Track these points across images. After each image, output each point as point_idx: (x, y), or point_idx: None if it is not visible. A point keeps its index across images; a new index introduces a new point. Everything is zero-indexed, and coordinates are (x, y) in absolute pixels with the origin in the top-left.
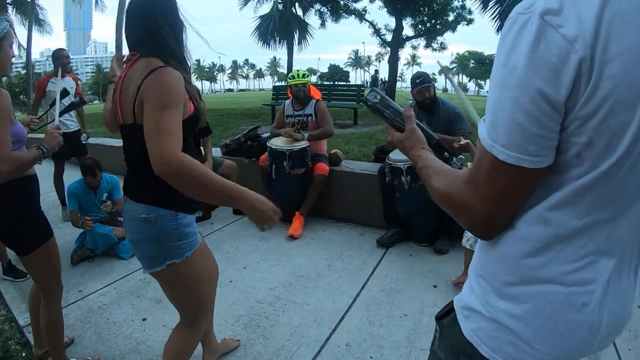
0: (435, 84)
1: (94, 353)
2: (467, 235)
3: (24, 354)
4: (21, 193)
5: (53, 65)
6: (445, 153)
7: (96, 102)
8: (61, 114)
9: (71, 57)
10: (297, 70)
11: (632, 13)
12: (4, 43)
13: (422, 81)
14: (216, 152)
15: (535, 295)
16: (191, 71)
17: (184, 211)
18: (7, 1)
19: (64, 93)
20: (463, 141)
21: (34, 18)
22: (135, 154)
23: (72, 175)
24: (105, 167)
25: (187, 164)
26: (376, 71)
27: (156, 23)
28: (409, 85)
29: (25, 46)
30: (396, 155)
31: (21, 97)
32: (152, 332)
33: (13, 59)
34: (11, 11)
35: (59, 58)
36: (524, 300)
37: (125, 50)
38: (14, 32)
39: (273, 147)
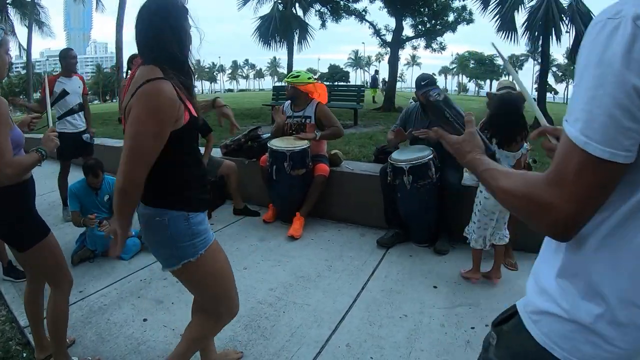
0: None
1: (94, 353)
2: (474, 235)
3: (24, 355)
4: (20, 195)
5: (60, 65)
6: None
7: (96, 102)
8: (59, 118)
9: None
10: (294, 72)
11: None
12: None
13: (427, 84)
14: (216, 152)
15: (621, 293)
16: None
17: (194, 210)
18: (7, 1)
19: (63, 94)
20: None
21: (34, 18)
22: None
23: (75, 176)
24: (106, 167)
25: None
26: (376, 71)
27: (159, 28)
28: (409, 86)
29: (25, 46)
30: (398, 155)
31: (21, 97)
32: (152, 333)
33: (13, 59)
34: (11, 11)
35: (66, 58)
36: (607, 300)
37: (127, 52)
38: (14, 35)
39: (274, 147)
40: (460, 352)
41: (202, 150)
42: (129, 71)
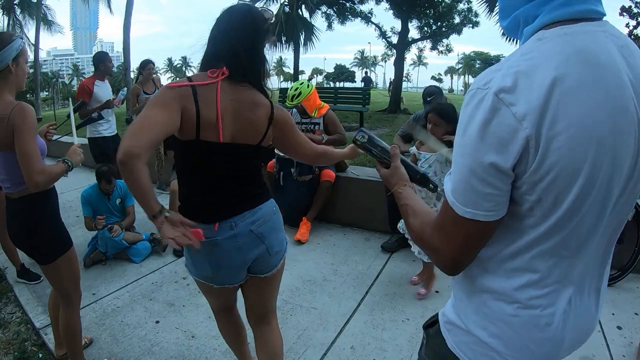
0: (442, 84)
1: (109, 354)
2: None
3: (40, 355)
4: (40, 205)
5: (94, 67)
6: (430, 185)
7: None
8: (77, 127)
9: (77, 56)
10: (290, 90)
11: (579, 90)
12: (20, 60)
13: (433, 99)
14: None
15: (508, 316)
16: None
17: None
18: (15, 1)
19: (80, 105)
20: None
21: (41, 18)
22: (258, 168)
23: (85, 180)
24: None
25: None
26: (366, 72)
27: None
28: (415, 86)
29: (33, 46)
30: None
31: (27, 96)
32: (165, 335)
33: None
34: (18, 11)
35: (105, 61)
36: (498, 319)
37: (134, 52)
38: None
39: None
40: None
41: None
42: (140, 75)
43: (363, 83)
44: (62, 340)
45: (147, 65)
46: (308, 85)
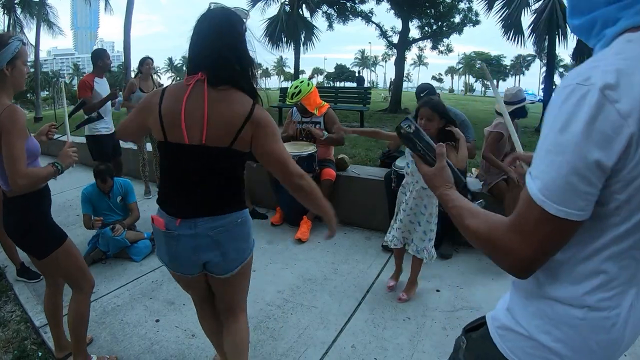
0: (442, 84)
1: (109, 353)
2: (389, 236)
3: (40, 354)
4: (34, 204)
5: (93, 65)
6: (469, 195)
7: None
8: (78, 127)
9: (77, 55)
10: (290, 88)
11: None
12: (17, 62)
13: (426, 94)
14: None
15: (575, 320)
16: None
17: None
18: (15, 1)
19: (81, 105)
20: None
21: (42, 18)
22: (230, 173)
23: (86, 179)
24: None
25: None
26: (358, 72)
27: (246, 51)
28: (416, 86)
29: (33, 45)
30: (402, 162)
31: (28, 95)
32: (165, 333)
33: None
34: (19, 11)
35: (103, 58)
36: (563, 323)
37: (134, 52)
38: (23, 34)
39: None
40: None
41: None
42: (140, 73)
43: (356, 83)
44: (61, 342)
45: (145, 62)
46: (308, 84)
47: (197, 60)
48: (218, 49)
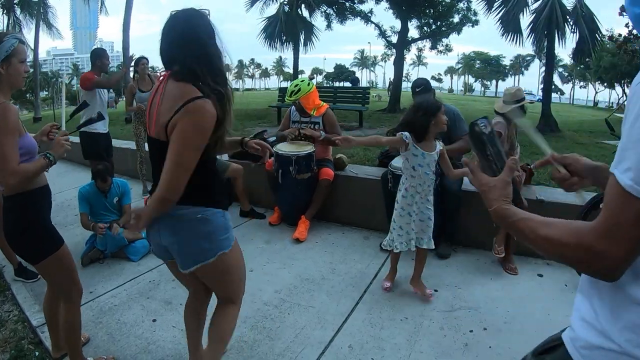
0: (441, 84)
1: (106, 353)
2: (390, 238)
3: (37, 354)
4: (28, 204)
5: (91, 64)
6: None
7: None
8: (79, 128)
9: (77, 55)
10: (291, 86)
11: None
12: (12, 59)
13: (422, 90)
14: (223, 155)
15: None
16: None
17: (225, 208)
18: (15, 1)
19: (83, 105)
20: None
21: (41, 17)
22: None
23: (83, 179)
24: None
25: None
26: (353, 72)
27: (205, 43)
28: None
29: (32, 46)
30: (398, 163)
31: (27, 95)
32: (162, 333)
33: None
34: (18, 11)
35: (102, 58)
36: None
37: (138, 54)
38: (21, 34)
39: (280, 152)
40: (458, 354)
41: None
42: (136, 74)
43: (350, 83)
44: (58, 342)
45: (140, 62)
46: (308, 84)
47: (165, 58)
48: (174, 48)
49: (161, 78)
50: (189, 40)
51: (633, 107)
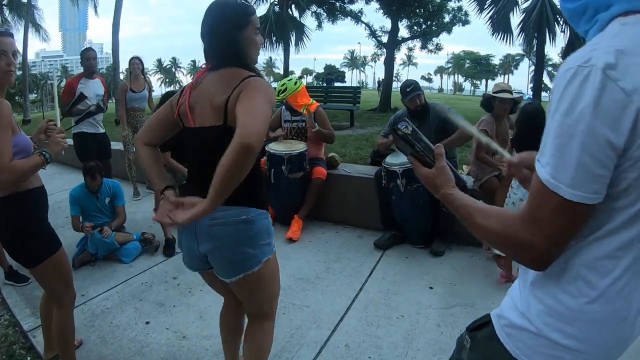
0: (431, 84)
1: (99, 357)
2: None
3: (28, 358)
4: (22, 205)
5: (82, 66)
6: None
7: None
8: (77, 122)
9: (66, 57)
10: (278, 85)
11: None
12: None
13: (412, 89)
14: None
15: (588, 314)
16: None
17: (266, 208)
18: (3, 2)
19: (80, 98)
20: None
21: (30, 19)
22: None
23: (75, 181)
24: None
25: None
26: (329, 73)
27: (243, 35)
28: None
29: (21, 48)
30: (392, 159)
31: (16, 98)
32: (155, 335)
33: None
34: (6, 12)
35: (82, 59)
36: (575, 318)
37: (123, 53)
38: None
39: (272, 151)
40: None
41: None
42: (131, 73)
43: (325, 83)
44: (51, 343)
45: (131, 61)
46: (295, 82)
47: (205, 53)
48: (212, 40)
49: (199, 72)
50: (226, 34)
51: (553, 100)
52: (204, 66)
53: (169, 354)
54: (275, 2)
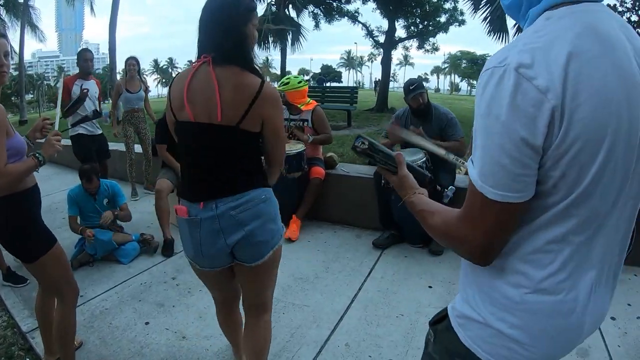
0: (428, 84)
1: (99, 358)
2: None
3: None
4: (20, 205)
5: (78, 67)
6: (437, 187)
7: None
8: (73, 125)
9: (62, 57)
10: (284, 78)
11: (594, 62)
12: None
13: (415, 88)
14: None
15: (529, 304)
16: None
17: (271, 188)
18: (0, 2)
19: (78, 101)
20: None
21: (26, 19)
22: (242, 152)
23: (73, 181)
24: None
25: None
26: (319, 73)
27: (245, 31)
28: (401, 85)
29: (18, 48)
30: None
31: (12, 98)
32: (155, 336)
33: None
34: (2, 13)
35: (79, 59)
36: (517, 308)
37: (120, 53)
38: (7, 41)
39: None
40: None
41: None
42: (127, 74)
43: (317, 83)
44: (52, 347)
45: (127, 62)
46: (300, 82)
47: (205, 42)
48: (225, 29)
49: (196, 64)
50: (231, 21)
51: (475, 101)
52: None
53: (169, 354)
54: (273, 2)
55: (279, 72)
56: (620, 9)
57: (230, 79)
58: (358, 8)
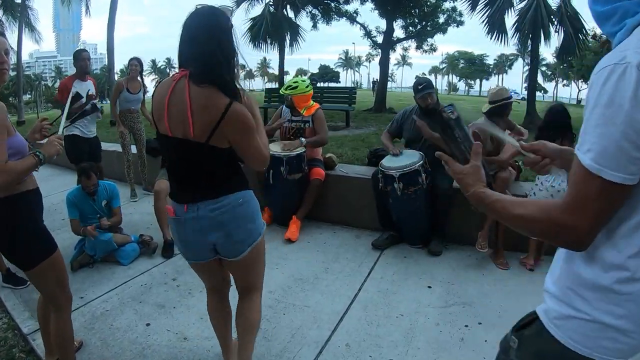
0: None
1: (100, 359)
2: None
3: None
4: (19, 208)
5: (75, 67)
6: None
7: None
8: (73, 120)
9: (60, 58)
10: (290, 81)
11: None
12: None
13: (424, 87)
14: None
15: (634, 295)
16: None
17: (251, 189)
18: None
19: (76, 98)
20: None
21: (24, 20)
22: (214, 164)
23: (71, 183)
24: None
25: None
26: (313, 73)
27: (231, 49)
28: (400, 86)
29: (15, 48)
30: (388, 163)
31: (10, 99)
32: (156, 337)
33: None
34: (0, 13)
35: (78, 59)
36: (623, 299)
37: (118, 54)
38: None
39: (270, 152)
40: (455, 349)
41: None
42: (129, 74)
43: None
44: (52, 347)
45: (129, 62)
46: (307, 86)
47: (184, 56)
48: (203, 47)
49: (176, 77)
50: (210, 39)
51: (591, 95)
52: (178, 72)
53: (171, 355)
54: (271, 3)
55: (277, 73)
56: None
57: (200, 99)
58: (357, 9)
